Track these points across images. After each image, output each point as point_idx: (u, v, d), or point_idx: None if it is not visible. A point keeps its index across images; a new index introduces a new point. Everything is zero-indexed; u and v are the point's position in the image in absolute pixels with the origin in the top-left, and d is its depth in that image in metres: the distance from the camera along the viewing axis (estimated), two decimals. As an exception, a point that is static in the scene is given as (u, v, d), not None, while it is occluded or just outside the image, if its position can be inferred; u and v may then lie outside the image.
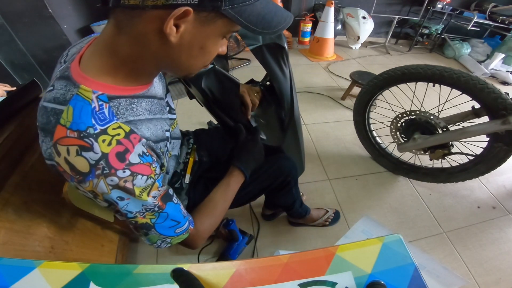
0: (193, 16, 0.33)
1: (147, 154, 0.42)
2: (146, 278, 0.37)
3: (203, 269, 0.39)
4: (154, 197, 0.43)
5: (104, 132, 0.37)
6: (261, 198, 0.98)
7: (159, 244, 0.49)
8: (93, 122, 0.36)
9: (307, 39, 3.31)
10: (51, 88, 0.40)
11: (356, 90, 1.95)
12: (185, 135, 0.86)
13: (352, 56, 3.15)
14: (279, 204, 1.06)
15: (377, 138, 1.53)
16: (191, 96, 0.81)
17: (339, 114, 2.01)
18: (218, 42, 0.41)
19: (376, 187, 1.43)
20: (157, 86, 0.53)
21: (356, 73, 2.06)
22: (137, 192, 0.40)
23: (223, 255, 1.05)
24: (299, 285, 0.37)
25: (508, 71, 2.73)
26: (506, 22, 2.86)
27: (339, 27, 3.18)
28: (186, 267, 0.37)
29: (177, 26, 0.34)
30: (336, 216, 1.22)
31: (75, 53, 0.44)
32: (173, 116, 0.65)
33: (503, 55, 2.82)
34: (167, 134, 0.54)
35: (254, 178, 0.77)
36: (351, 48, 3.37)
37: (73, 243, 0.74)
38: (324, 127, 1.87)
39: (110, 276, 0.37)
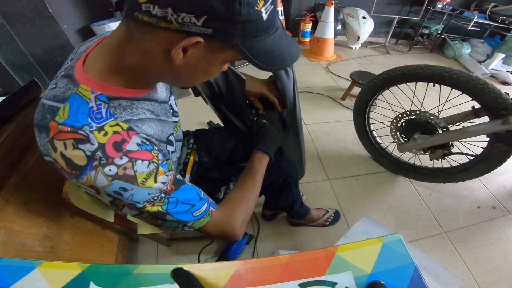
0: (203, 44, 0.33)
1: (147, 143, 0.41)
2: (146, 278, 0.37)
3: (203, 269, 0.39)
4: (163, 182, 0.42)
5: (101, 128, 0.37)
6: (261, 198, 0.98)
7: (181, 229, 0.48)
8: (89, 121, 0.37)
9: (307, 39, 3.31)
10: (54, 86, 0.40)
11: (356, 90, 1.95)
12: (185, 135, 0.86)
13: (352, 56, 3.15)
14: (279, 205, 1.06)
15: (377, 138, 1.53)
16: (197, 93, 0.80)
17: (339, 114, 2.01)
18: (222, 66, 0.42)
19: (376, 187, 1.43)
20: (160, 90, 0.53)
21: (356, 73, 2.06)
22: (139, 179, 0.38)
23: (223, 255, 1.05)
24: (299, 285, 0.37)
25: (508, 71, 2.73)
26: (506, 22, 2.86)
27: (339, 27, 3.18)
28: (186, 267, 0.37)
29: (185, 50, 0.34)
30: (336, 216, 1.22)
31: (83, 52, 0.44)
32: (176, 119, 0.65)
33: (503, 55, 2.82)
34: (171, 138, 0.53)
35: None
36: (351, 48, 3.37)
37: (73, 243, 0.74)
38: (324, 127, 1.87)
39: (110, 276, 0.37)
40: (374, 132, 1.52)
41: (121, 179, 0.37)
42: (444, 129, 1.18)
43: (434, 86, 1.14)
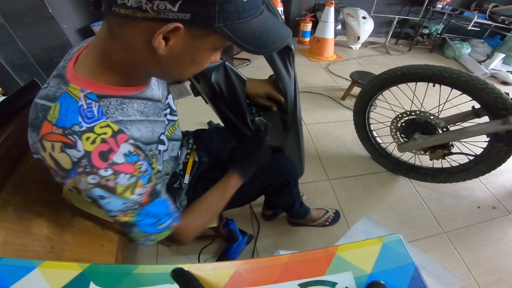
0: (184, 31, 0.33)
1: (134, 153, 0.42)
2: (146, 278, 0.37)
3: (203, 269, 0.39)
4: (139, 194, 0.42)
5: (91, 130, 0.37)
6: (261, 198, 0.98)
7: (143, 241, 0.48)
8: (80, 119, 0.37)
9: (307, 39, 3.31)
10: (46, 85, 0.41)
11: (356, 90, 1.95)
12: (184, 135, 0.86)
13: (352, 56, 3.15)
14: (279, 205, 1.06)
15: (377, 138, 1.53)
16: (196, 93, 0.80)
17: (339, 114, 2.01)
18: (211, 55, 0.40)
19: (376, 187, 1.43)
20: (155, 88, 0.52)
21: (356, 73, 2.06)
22: (119, 190, 0.39)
23: (223, 255, 1.05)
24: (299, 285, 0.37)
25: (508, 71, 2.73)
26: (506, 22, 2.86)
27: (339, 27, 3.18)
28: (186, 267, 0.37)
29: (167, 38, 0.34)
30: (336, 216, 1.22)
31: (75, 53, 0.44)
32: (174, 118, 0.64)
33: (503, 55, 2.82)
34: (162, 137, 0.53)
35: (254, 179, 0.77)
36: (351, 48, 3.37)
37: (73, 243, 0.74)
38: (324, 127, 1.87)
39: (110, 276, 0.37)
40: (374, 132, 1.52)
41: (102, 188, 0.38)
42: (444, 129, 1.17)
43: (434, 86, 1.14)
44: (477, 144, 1.17)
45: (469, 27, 2.85)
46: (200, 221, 0.57)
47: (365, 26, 3.08)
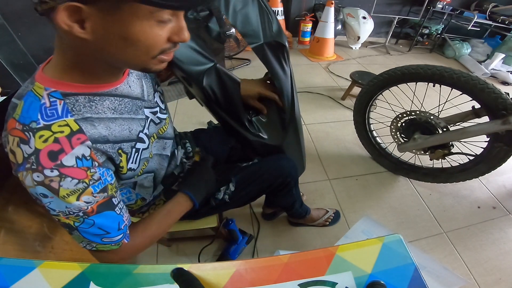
0: (90, 8, 0.31)
1: (88, 158, 0.40)
2: (146, 278, 0.37)
3: (203, 269, 0.39)
4: (87, 202, 0.41)
5: (47, 128, 0.37)
6: (261, 198, 0.98)
7: (84, 245, 0.46)
8: (39, 117, 0.37)
9: (307, 39, 3.31)
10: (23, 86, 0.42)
11: (356, 90, 1.95)
12: (182, 137, 0.85)
13: (352, 56, 3.15)
14: (279, 205, 1.06)
15: (377, 138, 1.53)
16: (191, 96, 0.80)
17: (339, 114, 2.01)
18: (149, 28, 0.35)
19: (376, 187, 1.43)
20: (133, 85, 0.52)
21: (356, 73, 2.06)
22: (62, 193, 0.38)
23: (223, 255, 1.05)
24: (299, 285, 0.37)
25: (508, 71, 2.73)
26: (506, 22, 2.86)
27: (339, 27, 3.18)
28: (186, 267, 0.37)
29: (82, 22, 0.32)
30: (336, 216, 1.22)
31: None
32: (164, 116, 0.63)
33: (503, 55, 2.82)
34: (142, 135, 0.52)
35: (254, 179, 0.77)
36: (351, 48, 3.37)
37: (73, 243, 0.74)
38: (324, 127, 1.87)
39: (110, 276, 0.37)
40: (374, 132, 1.52)
41: (45, 187, 0.38)
42: (444, 129, 1.18)
43: (434, 86, 1.14)
44: (477, 144, 1.17)
45: (469, 27, 2.85)
46: (143, 242, 0.54)
47: (365, 26, 3.08)
